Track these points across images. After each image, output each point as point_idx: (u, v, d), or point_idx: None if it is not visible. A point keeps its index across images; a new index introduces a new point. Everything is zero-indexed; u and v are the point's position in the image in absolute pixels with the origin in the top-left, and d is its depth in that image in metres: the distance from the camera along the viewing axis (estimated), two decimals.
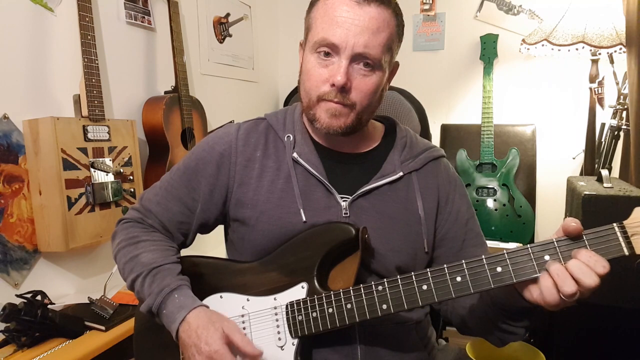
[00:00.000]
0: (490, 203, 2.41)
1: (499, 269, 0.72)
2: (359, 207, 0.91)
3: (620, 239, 0.67)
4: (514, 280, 0.72)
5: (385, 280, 0.79)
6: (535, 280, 0.70)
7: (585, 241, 0.68)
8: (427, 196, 0.95)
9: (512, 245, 1.82)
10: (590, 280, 0.65)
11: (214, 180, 0.95)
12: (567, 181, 1.89)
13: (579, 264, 0.66)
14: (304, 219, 0.89)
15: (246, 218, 0.93)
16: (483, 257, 0.73)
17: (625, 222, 0.67)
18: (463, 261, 0.75)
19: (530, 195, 2.46)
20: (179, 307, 0.82)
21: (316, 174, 0.92)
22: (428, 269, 0.77)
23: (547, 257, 0.70)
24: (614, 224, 0.67)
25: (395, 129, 1.02)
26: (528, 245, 0.72)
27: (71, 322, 1.29)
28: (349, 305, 0.81)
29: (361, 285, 0.81)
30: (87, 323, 1.32)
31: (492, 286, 0.73)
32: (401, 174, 0.94)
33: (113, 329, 1.31)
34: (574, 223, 0.67)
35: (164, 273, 0.87)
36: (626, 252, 0.66)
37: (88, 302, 1.40)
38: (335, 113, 0.87)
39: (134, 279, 0.88)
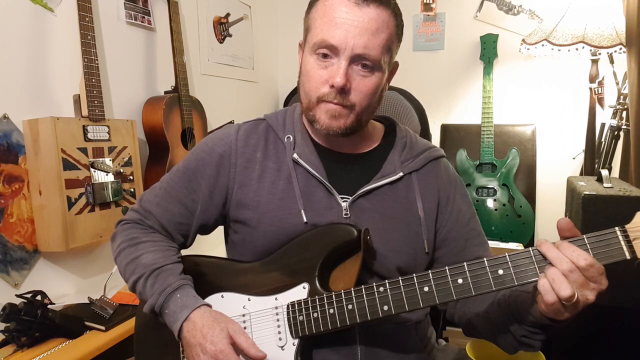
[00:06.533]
0: (490, 203, 2.41)
1: (500, 272, 0.73)
2: (359, 208, 0.91)
3: (622, 242, 0.67)
4: (516, 283, 0.72)
5: (386, 281, 0.80)
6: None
7: (587, 244, 0.68)
8: (427, 196, 0.95)
9: (512, 246, 1.82)
10: (576, 274, 0.66)
11: (213, 182, 0.95)
12: (567, 181, 1.89)
13: (563, 257, 0.67)
14: (305, 219, 0.89)
15: (247, 219, 0.93)
16: (485, 259, 0.74)
17: (627, 226, 0.67)
18: (465, 263, 0.75)
19: (530, 195, 2.46)
20: (182, 306, 0.82)
21: (316, 174, 0.92)
22: (430, 271, 0.77)
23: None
24: (616, 228, 0.67)
25: (395, 129, 1.02)
26: (530, 248, 0.72)
27: (71, 322, 1.29)
28: (350, 306, 0.81)
29: (362, 286, 0.81)
30: (87, 323, 1.32)
31: (494, 288, 0.73)
32: (401, 174, 0.94)
33: (113, 329, 1.31)
34: (563, 220, 0.70)
35: (165, 273, 0.87)
36: (627, 256, 0.67)
37: (88, 302, 1.40)
38: (335, 114, 0.86)
39: (136, 280, 0.88)
